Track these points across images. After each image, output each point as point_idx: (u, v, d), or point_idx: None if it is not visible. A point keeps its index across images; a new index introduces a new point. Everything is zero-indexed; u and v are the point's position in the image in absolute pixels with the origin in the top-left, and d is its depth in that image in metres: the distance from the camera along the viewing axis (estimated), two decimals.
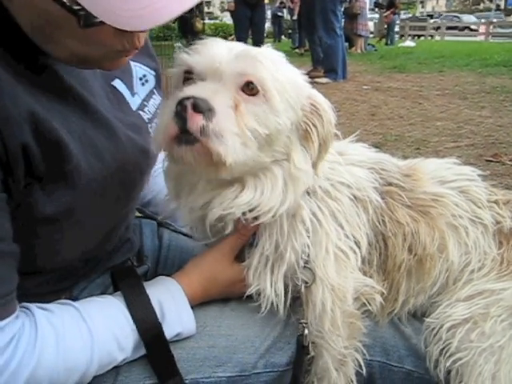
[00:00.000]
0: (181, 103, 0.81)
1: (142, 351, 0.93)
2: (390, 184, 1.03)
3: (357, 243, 0.99)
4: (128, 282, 0.98)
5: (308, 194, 0.97)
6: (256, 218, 0.94)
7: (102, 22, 0.70)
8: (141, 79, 1.09)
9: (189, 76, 0.90)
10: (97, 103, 0.92)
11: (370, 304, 1.02)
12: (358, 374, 1.04)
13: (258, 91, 0.86)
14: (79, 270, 1.05)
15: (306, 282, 0.98)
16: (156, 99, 1.12)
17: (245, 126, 0.84)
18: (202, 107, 0.80)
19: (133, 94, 1.05)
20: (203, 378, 0.97)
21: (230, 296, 1.05)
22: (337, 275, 0.97)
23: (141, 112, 1.06)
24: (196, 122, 0.80)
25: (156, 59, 1.16)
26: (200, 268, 1.03)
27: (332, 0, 7.61)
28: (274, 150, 0.91)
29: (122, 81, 1.03)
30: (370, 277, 1.02)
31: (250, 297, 1.01)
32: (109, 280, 1.12)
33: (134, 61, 1.08)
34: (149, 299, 0.94)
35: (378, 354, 1.08)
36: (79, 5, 0.69)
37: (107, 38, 0.78)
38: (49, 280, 0.98)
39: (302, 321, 1.00)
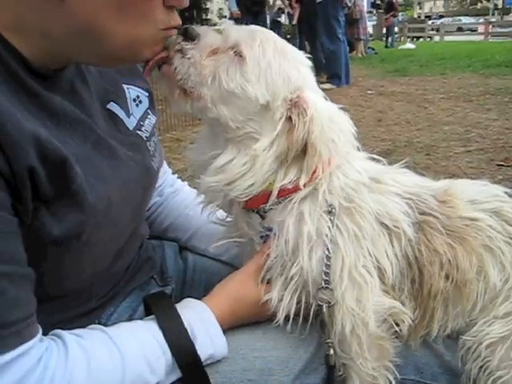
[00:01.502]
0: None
1: (176, 375, 0.92)
2: (427, 214, 1.02)
3: (381, 270, 0.98)
4: (160, 305, 0.98)
5: (329, 213, 0.97)
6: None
7: None
8: (135, 100, 1.10)
9: None
10: (95, 125, 0.93)
11: (398, 325, 1.00)
12: None
13: (239, 55, 0.94)
14: (99, 291, 1.05)
15: (329, 303, 0.97)
16: (151, 119, 1.14)
17: (212, 67, 0.93)
18: (188, 33, 0.93)
19: (128, 115, 1.07)
20: None
21: (258, 318, 1.04)
22: (355, 299, 0.97)
23: (138, 131, 1.07)
24: (176, 39, 0.92)
25: (146, 79, 1.18)
26: (227, 290, 1.03)
27: (334, 6, 7.65)
28: (242, 118, 0.95)
29: (116, 103, 1.04)
30: (402, 303, 1.00)
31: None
32: (135, 302, 1.12)
33: (126, 84, 1.09)
34: (181, 321, 0.93)
35: (411, 373, 1.07)
36: None
37: (157, 12, 0.84)
38: (70, 303, 0.98)
39: (328, 341, 1.00)
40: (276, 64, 0.94)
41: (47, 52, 0.84)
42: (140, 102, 1.12)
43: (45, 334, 0.83)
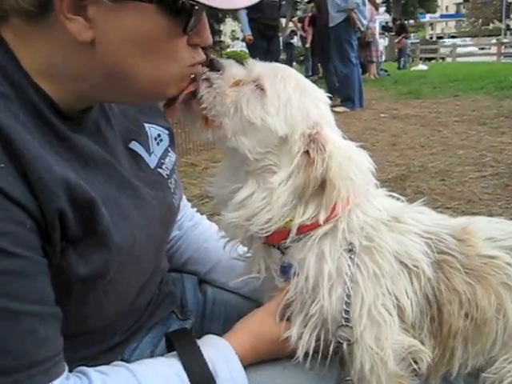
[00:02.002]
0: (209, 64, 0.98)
1: None
2: (446, 253, 1.04)
3: (401, 309, 0.99)
4: (182, 341, 0.99)
5: (349, 251, 0.99)
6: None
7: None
8: (156, 139, 1.12)
9: None
10: (119, 165, 0.96)
11: (417, 364, 1.01)
12: None
13: (261, 88, 0.97)
14: (122, 326, 1.07)
15: (349, 340, 0.99)
16: (172, 156, 1.16)
17: (234, 97, 0.97)
18: (214, 65, 0.98)
19: (150, 153, 1.09)
20: None
21: (278, 354, 1.06)
22: (374, 337, 0.98)
23: (159, 169, 1.10)
24: (201, 69, 0.96)
25: (167, 118, 1.21)
26: (248, 327, 1.04)
27: (346, 30, 7.71)
28: (261, 150, 0.98)
29: (138, 142, 1.07)
30: (421, 342, 1.01)
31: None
32: (157, 338, 1.14)
33: (147, 122, 1.12)
34: (204, 358, 0.94)
35: None
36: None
37: (182, 51, 0.86)
38: (95, 339, 1.00)
39: (348, 378, 1.01)
40: (296, 99, 0.98)
41: (76, 94, 0.87)
42: (161, 140, 1.14)
43: (70, 370, 0.84)
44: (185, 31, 0.83)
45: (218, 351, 0.97)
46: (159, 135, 1.14)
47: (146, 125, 1.12)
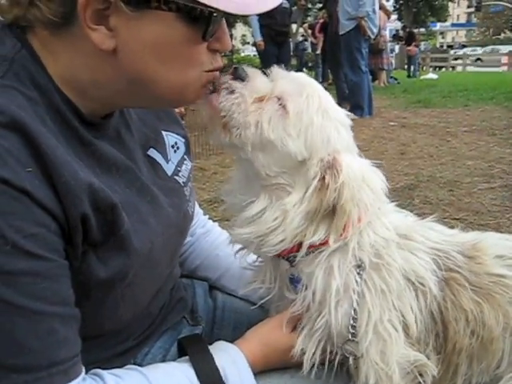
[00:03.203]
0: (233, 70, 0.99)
1: None
2: (454, 271, 1.04)
3: (406, 325, 1.00)
4: (194, 347, 1.01)
5: (358, 267, 1.00)
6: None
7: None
8: (173, 147, 1.14)
9: None
10: (139, 171, 0.98)
11: (422, 376, 1.02)
12: None
13: (284, 106, 0.97)
14: (136, 330, 1.08)
15: (355, 355, 1.00)
16: (188, 164, 1.18)
17: (256, 112, 0.96)
18: (238, 73, 0.98)
19: (167, 160, 1.11)
20: None
21: (287, 363, 1.07)
22: (379, 352, 0.99)
23: (176, 177, 1.11)
24: (224, 78, 0.97)
25: (184, 127, 1.23)
26: (259, 335, 1.06)
27: (356, 38, 7.71)
28: (276, 169, 0.98)
29: (156, 150, 1.08)
30: (426, 356, 1.02)
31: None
32: (168, 343, 1.15)
33: (165, 130, 1.14)
34: (215, 364, 0.96)
35: None
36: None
37: (202, 56, 0.88)
38: (108, 342, 1.02)
39: None
40: (318, 122, 0.97)
41: (98, 101, 0.89)
42: (178, 148, 1.16)
43: (85, 372, 0.86)
44: (204, 37, 0.84)
45: (229, 357, 0.99)
46: (176, 143, 1.16)
47: (164, 132, 1.14)
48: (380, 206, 1.03)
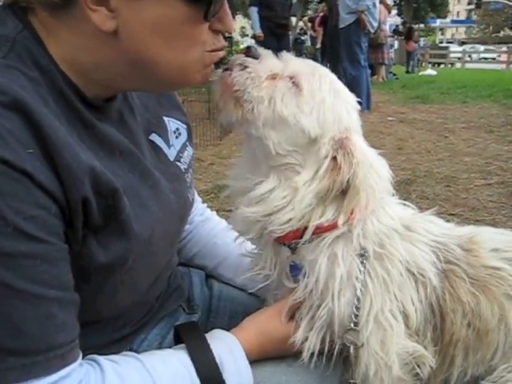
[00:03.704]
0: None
1: None
2: (453, 263, 1.04)
3: (406, 315, 1.00)
4: (191, 335, 1.01)
5: (361, 256, 1.00)
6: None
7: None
8: (175, 132, 1.14)
9: None
10: (142, 155, 0.97)
11: (419, 367, 1.02)
12: None
13: (296, 85, 0.96)
14: (133, 317, 1.08)
15: (356, 344, 1.00)
16: (189, 151, 1.17)
17: (269, 89, 0.95)
18: (251, 53, 0.98)
19: (169, 146, 1.10)
20: None
21: (284, 353, 1.07)
22: (379, 342, 0.99)
23: (178, 163, 1.11)
24: (238, 56, 0.98)
25: (186, 113, 1.22)
26: (256, 324, 1.06)
27: (356, 32, 7.70)
28: (287, 147, 0.97)
29: (158, 135, 1.08)
30: (424, 347, 1.02)
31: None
32: (165, 330, 1.15)
33: (167, 116, 1.13)
34: (212, 353, 0.96)
35: None
36: None
37: (204, 36, 0.86)
38: (106, 329, 1.02)
39: (351, 381, 1.02)
40: (330, 101, 0.97)
41: (100, 83, 0.88)
42: (179, 134, 1.16)
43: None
44: (206, 17, 0.83)
45: (225, 345, 0.99)
46: (178, 129, 1.15)
47: (166, 118, 1.13)
48: (384, 195, 1.03)
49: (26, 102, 0.73)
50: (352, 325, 0.99)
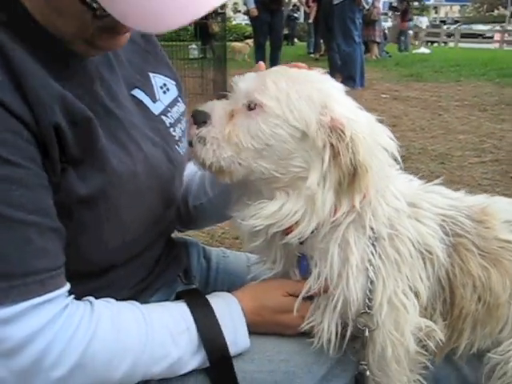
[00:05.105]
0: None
1: (200, 358, 0.94)
2: (462, 236, 1.01)
3: (417, 294, 0.98)
4: (193, 298, 1.00)
5: (370, 238, 0.96)
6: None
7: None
8: (161, 88, 1.13)
9: None
10: (120, 105, 0.98)
11: (428, 340, 1.00)
12: None
13: (255, 106, 0.92)
14: (131, 279, 1.06)
15: (369, 327, 0.97)
16: (180, 106, 1.16)
17: (234, 135, 0.92)
18: (197, 119, 0.96)
19: (154, 100, 1.09)
20: None
21: (281, 326, 1.04)
22: (394, 323, 0.97)
23: (163, 117, 1.10)
24: (191, 131, 0.96)
25: (173, 70, 1.21)
26: (256, 289, 1.05)
27: (351, 8, 7.61)
28: (287, 164, 0.92)
29: (141, 89, 1.07)
30: (434, 322, 1.00)
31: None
32: (163, 299, 1.10)
33: (152, 72, 1.12)
34: (216, 319, 0.95)
35: None
36: None
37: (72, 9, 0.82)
38: (102, 291, 0.98)
39: (363, 362, 1.00)
40: (293, 91, 0.92)
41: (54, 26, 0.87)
42: (168, 89, 1.15)
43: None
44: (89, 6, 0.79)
45: (226, 307, 0.99)
46: (165, 84, 1.14)
47: (151, 74, 1.12)
48: (388, 172, 0.99)
49: None
50: (366, 308, 0.96)
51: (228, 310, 0.99)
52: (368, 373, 1.00)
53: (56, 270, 0.81)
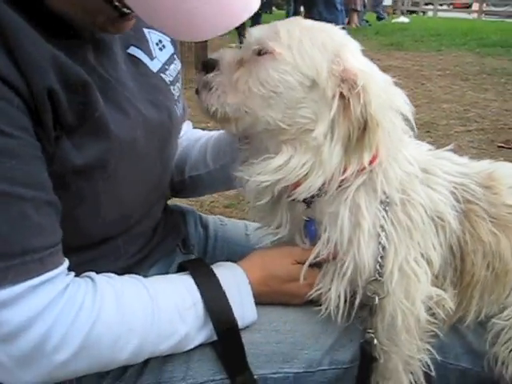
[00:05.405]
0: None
1: (206, 332, 0.92)
2: (473, 202, 1.00)
3: (429, 262, 0.96)
4: (199, 272, 0.96)
5: (382, 203, 0.94)
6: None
7: None
8: (157, 44, 1.09)
9: None
10: (116, 66, 0.94)
11: (438, 309, 1.00)
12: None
13: (266, 53, 0.90)
14: (128, 248, 1.03)
15: (379, 294, 0.95)
16: (177, 64, 1.13)
17: (242, 82, 0.90)
18: (206, 66, 0.94)
19: (151, 58, 1.05)
20: (271, 373, 0.97)
21: (288, 296, 1.03)
22: (405, 292, 0.95)
23: (162, 74, 1.06)
24: (200, 78, 0.93)
25: None
26: (263, 258, 1.02)
27: None
28: (294, 114, 0.89)
29: (137, 47, 1.03)
30: (444, 290, 0.99)
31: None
32: (163, 270, 1.11)
33: (147, 27, 1.08)
34: (223, 291, 0.93)
35: (435, 353, 1.07)
36: None
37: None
38: (99, 261, 0.96)
39: (370, 331, 0.99)
40: (306, 38, 0.89)
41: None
42: (163, 46, 1.11)
43: None
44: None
45: (233, 278, 0.96)
46: (161, 41, 1.11)
47: (146, 30, 1.08)
48: (401, 137, 0.96)
49: None
50: (377, 275, 0.94)
51: (235, 281, 0.96)
52: (375, 341, 0.98)
53: (54, 247, 0.77)
